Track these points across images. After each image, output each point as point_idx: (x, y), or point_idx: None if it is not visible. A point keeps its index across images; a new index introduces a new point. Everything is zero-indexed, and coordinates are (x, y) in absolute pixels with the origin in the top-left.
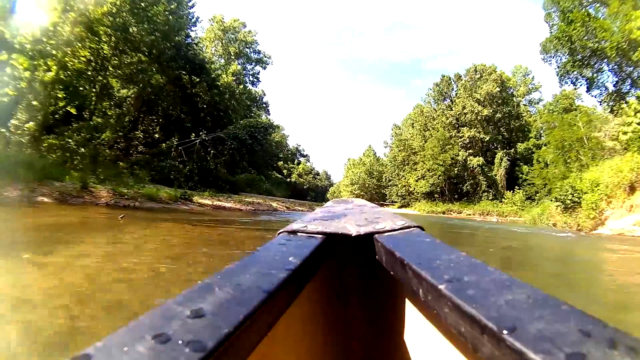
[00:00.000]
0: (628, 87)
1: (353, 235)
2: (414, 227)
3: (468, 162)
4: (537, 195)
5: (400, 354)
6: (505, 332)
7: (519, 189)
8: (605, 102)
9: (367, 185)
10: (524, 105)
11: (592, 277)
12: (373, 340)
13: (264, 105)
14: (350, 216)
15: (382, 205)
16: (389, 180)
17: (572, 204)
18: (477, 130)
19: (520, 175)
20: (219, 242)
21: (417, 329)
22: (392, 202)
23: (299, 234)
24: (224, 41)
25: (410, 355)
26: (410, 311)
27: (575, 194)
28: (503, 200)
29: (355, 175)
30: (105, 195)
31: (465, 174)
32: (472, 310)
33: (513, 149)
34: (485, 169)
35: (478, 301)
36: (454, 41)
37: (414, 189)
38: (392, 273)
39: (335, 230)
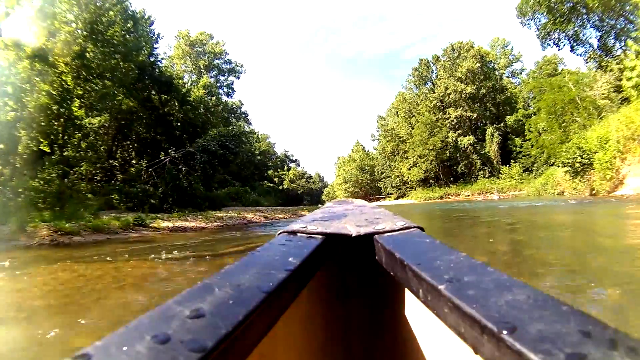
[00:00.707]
0: (613, 41)
1: (353, 235)
2: (414, 227)
3: (459, 143)
4: (535, 165)
5: (400, 354)
6: (505, 332)
7: (515, 162)
8: (591, 59)
9: (360, 181)
10: (507, 77)
11: None
12: (373, 340)
13: (243, 115)
14: (350, 217)
15: (378, 199)
16: (382, 173)
17: (582, 167)
18: (464, 109)
19: (514, 148)
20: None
21: (417, 329)
22: (388, 194)
23: (299, 234)
24: (192, 56)
25: (410, 356)
26: (410, 311)
27: (584, 155)
28: (500, 176)
29: (346, 172)
30: (45, 233)
31: (458, 155)
32: (472, 310)
33: (503, 123)
34: (478, 147)
35: (478, 301)
36: (428, 27)
37: (408, 178)
38: (392, 273)
39: (335, 230)
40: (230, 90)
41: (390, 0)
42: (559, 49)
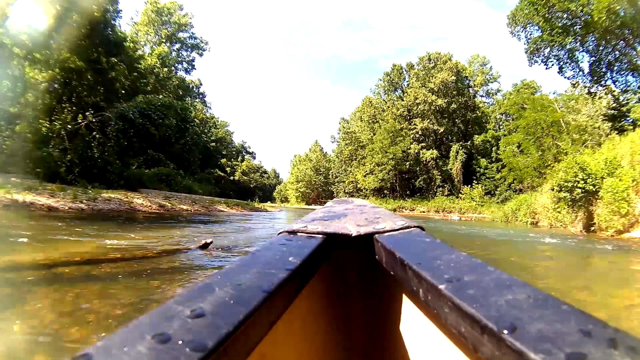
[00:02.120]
0: (604, 69)
1: (353, 235)
2: (414, 227)
3: (421, 156)
4: (498, 189)
5: (401, 354)
6: (505, 332)
7: (477, 183)
8: (579, 84)
9: (313, 182)
10: (481, 97)
11: None
12: (373, 339)
13: (200, 95)
14: (351, 216)
15: None
16: (336, 177)
17: (583, 195)
18: (431, 122)
19: (478, 169)
20: None
21: (417, 329)
22: None
23: (299, 234)
24: (157, 24)
25: (410, 355)
26: (411, 311)
27: (588, 180)
28: (460, 195)
29: (300, 172)
30: None
31: (418, 168)
32: (472, 310)
33: (469, 142)
34: (440, 163)
35: (478, 301)
36: (406, 40)
37: (362, 185)
38: (392, 273)
39: (335, 230)
40: (190, 67)
41: (372, 9)
42: (546, 68)
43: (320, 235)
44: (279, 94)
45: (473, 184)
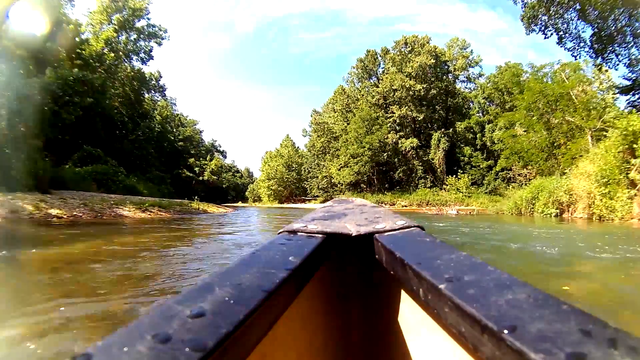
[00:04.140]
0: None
1: (353, 235)
2: (414, 226)
3: (400, 145)
4: (485, 179)
5: (401, 354)
6: (505, 331)
7: (463, 173)
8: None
9: (285, 179)
10: (462, 81)
11: None
12: (373, 340)
13: (160, 88)
14: (351, 216)
15: (303, 201)
16: (309, 172)
17: None
18: (409, 109)
19: (462, 158)
20: None
21: (417, 328)
22: (314, 196)
23: (299, 233)
24: (110, 10)
25: (410, 355)
26: (411, 311)
27: None
28: (444, 187)
29: (272, 169)
30: None
31: (397, 159)
32: (472, 309)
33: (451, 129)
34: (420, 153)
35: (478, 301)
36: (380, 37)
37: (337, 179)
38: (392, 273)
39: (335, 230)
40: (147, 57)
41: (346, 6)
42: (545, 37)
43: (320, 235)
44: (251, 92)
45: (458, 174)
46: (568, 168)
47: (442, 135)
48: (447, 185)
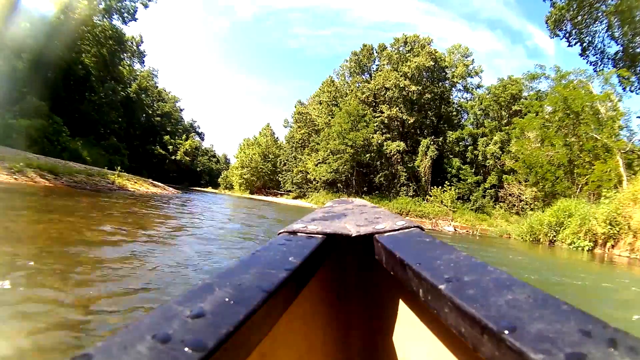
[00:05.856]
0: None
1: (353, 235)
2: (414, 227)
3: (385, 148)
4: (473, 195)
5: (401, 354)
6: (505, 332)
7: (450, 185)
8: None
9: (260, 169)
10: (459, 90)
11: None
12: (373, 340)
13: (139, 54)
14: (350, 216)
15: (274, 194)
16: (284, 165)
17: None
18: (400, 110)
19: (450, 169)
20: None
21: (417, 329)
22: (287, 191)
23: (299, 234)
24: None
25: (410, 355)
26: (411, 311)
27: None
28: (428, 198)
29: (247, 156)
30: None
31: (380, 162)
32: (472, 310)
33: (442, 138)
34: (406, 158)
35: (478, 301)
36: (379, 39)
37: (313, 175)
38: (392, 273)
39: (335, 230)
40: (129, 17)
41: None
42: (568, 45)
43: (320, 236)
44: (240, 79)
45: (444, 185)
46: (594, 191)
47: (432, 142)
48: (430, 196)
